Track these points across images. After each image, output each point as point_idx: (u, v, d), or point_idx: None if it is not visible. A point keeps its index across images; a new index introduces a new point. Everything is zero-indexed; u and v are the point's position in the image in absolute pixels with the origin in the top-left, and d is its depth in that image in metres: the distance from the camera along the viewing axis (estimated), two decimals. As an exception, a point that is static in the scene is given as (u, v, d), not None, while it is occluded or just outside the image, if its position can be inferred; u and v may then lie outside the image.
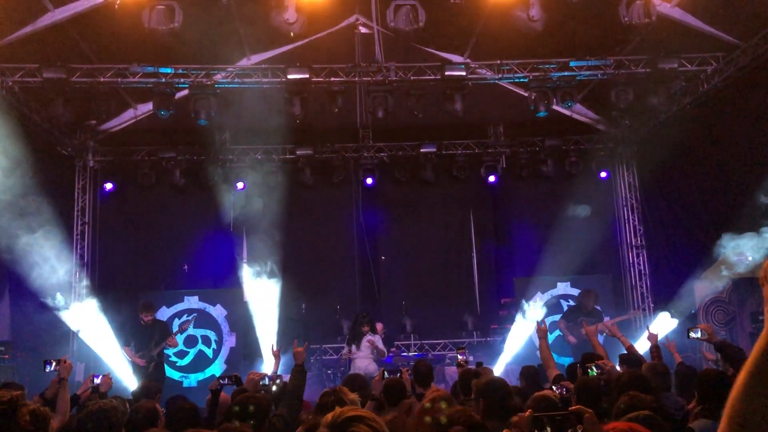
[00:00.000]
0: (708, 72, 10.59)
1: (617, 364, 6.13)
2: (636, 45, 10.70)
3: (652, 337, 6.45)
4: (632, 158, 14.03)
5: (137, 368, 9.55)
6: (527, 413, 1.93)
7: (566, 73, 10.74)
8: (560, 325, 10.96)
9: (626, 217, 14.05)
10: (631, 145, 13.85)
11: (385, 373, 5.39)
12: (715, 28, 9.94)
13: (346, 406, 1.98)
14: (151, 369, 9.50)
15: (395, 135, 13.55)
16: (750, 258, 10.59)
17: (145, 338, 9.72)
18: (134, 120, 13.02)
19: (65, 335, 11.84)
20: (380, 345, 9.88)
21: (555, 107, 11.39)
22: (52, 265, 10.72)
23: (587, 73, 10.84)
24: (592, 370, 5.17)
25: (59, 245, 11.06)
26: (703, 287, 11.29)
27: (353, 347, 9.98)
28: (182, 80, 10.60)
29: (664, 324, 9.87)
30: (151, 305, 10.13)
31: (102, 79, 10.34)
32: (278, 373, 7.26)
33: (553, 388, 5.18)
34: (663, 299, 11.31)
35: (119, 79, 10.44)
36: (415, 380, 6.05)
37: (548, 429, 1.88)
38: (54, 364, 5.47)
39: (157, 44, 9.21)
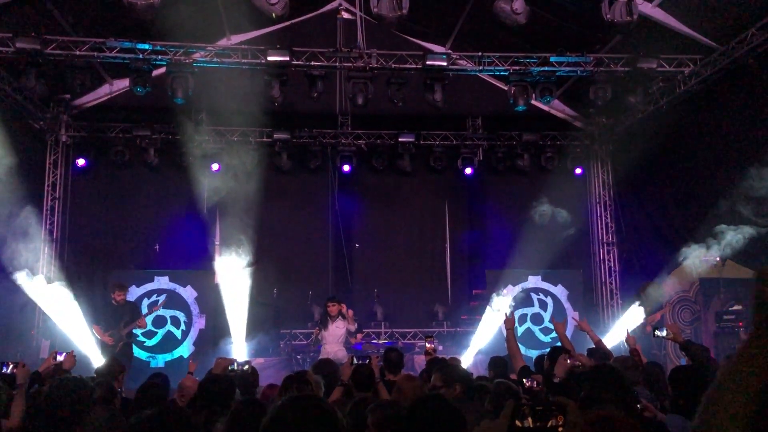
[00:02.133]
0: (685, 73, 10.72)
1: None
2: (616, 43, 10.80)
3: (631, 340, 6.51)
4: (607, 156, 14.18)
5: (105, 347, 9.46)
6: (509, 403, 1.94)
7: (546, 68, 10.80)
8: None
9: (599, 214, 14.21)
10: (607, 142, 13.99)
11: (354, 359, 5.40)
12: (694, 31, 10.07)
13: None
14: (119, 349, 9.40)
15: (374, 123, 13.50)
16: (717, 259, 10.79)
17: (115, 318, 9.66)
18: (109, 96, 12.83)
19: (30, 312, 11.66)
20: (352, 324, 9.88)
21: (533, 102, 11.46)
22: (19, 239, 10.54)
23: (567, 69, 10.90)
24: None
25: (28, 220, 10.87)
26: (671, 285, 11.47)
27: (322, 330, 9.98)
28: (160, 57, 10.43)
29: (637, 316, 9.99)
30: (124, 285, 10.10)
31: (78, 53, 10.13)
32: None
33: (524, 380, 5.24)
34: (632, 296, 11.47)
35: (95, 54, 10.24)
36: (385, 367, 6.07)
37: (529, 419, 1.89)
38: (11, 366, 4.80)
39: (135, 19, 9.04)
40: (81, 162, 13.18)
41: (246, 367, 5.91)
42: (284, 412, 2.04)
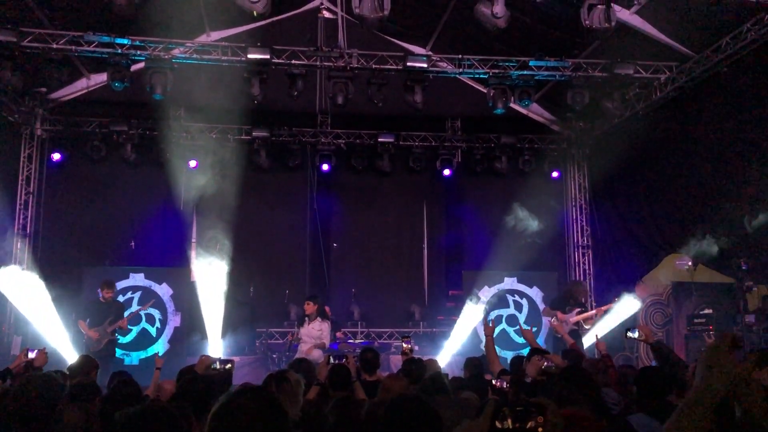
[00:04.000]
0: (661, 80, 10.88)
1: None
2: (594, 49, 10.93)
3: (601, 345, 6.61)
4: (584, 160, 14.34)
5: (90, 342, 9.47)
6: (489, 403, 1.97)
7: (525, 72, 10.89)
8: (545, 311, 11.13)
9: (574, 217, 14.37)
10: (584, 146, 14.15)
11: (331, 358, 5.41)
12: (670, 38, 10.22)
13: None
14: (103, 345, 9.47)
15: (354, 123, 13.52)
16: (689, 263, 10.98)
17: (101, 315, 9.68)
18: (87, 90, 12.69)
19: (2, 307, 11.49)
20: (325, 334, 9.84)
21: (512, 105, 11.55)
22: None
23: (545, 73, 11.02)
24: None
25: (1, 214, 10.72)
26: (644, 289, 11.68)
27: (299, 329, 9.96)
28: (139, 53, 10.34)
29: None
30: (113, 283, 10.11)
31: (55, 46, 10.02)
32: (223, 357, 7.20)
33: (493, 381, 5.32)
34: (605, 299, 11.62)
35: (73, 47, 10.13)
36: (361, 367, 6.09)
37: (509, 420, 1.91)
38: None
39: (114, 13, 8.94)
40: (56, 156, 13.03)
41: (228, 366, 5.89)
42: (230, 402, 2.08)
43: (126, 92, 10.70)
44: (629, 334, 5.76)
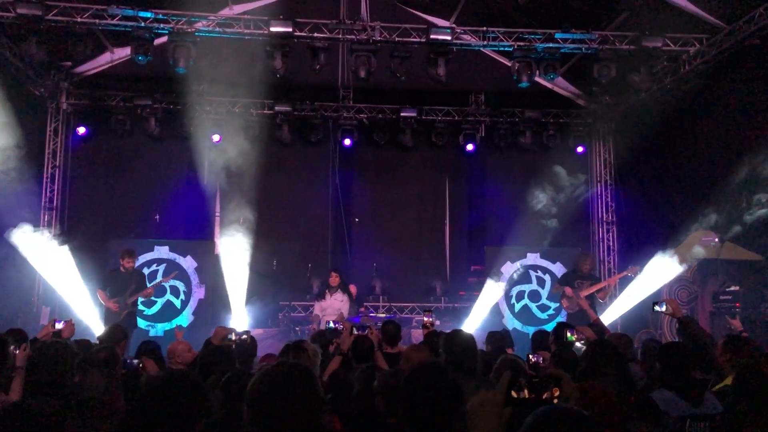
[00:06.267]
0: (690, 53, 10.65)
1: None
2: (622, 21, 10.71)
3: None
4: (609, 135, 14.13)
5: (110, 314, 9.41)
6: (505, 374, 1.97)
7: (551, 45, 10.71)
8: (555, 288, 10.91)
9: (599, 192, 14.20)
10: (609, 121, 13.94)
11: (354, 329, 5.44)
12: (700, 9, 9.98)
13: None
14: (123, 316, 9.33)
15: (376, 97, 13.46)
16: (715, 240, 10.83)
17: (121, 285, 9.55)
18: (111, 64, 12.74)
19: (30, 279, 11.71)
20: (346, 307, 9.91)
21: (537, 79, 11.38)
22: (20, 206, 10.54)
23: (571, 46, 10.82)
24: (570, 335, 5.29)
25: (29, 187, 10.87)
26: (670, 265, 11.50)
27: (321, 301, 10.05)
28: (162, 26, 10.33)
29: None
30: (134, 252, 10.00)
31: (79, 19, 10.04)
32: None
33: (529, 356, 5.30)
34: (630, 276, 11.51)
35: (97, 21, 10.14)
36: (383, 339, 6.12)
37: (525, 391, 1.92)
38: (12, 347, 4.58)
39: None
40: (81, 130, 13.15)
41: (244, 336, 5.95)
42: (268, 375, 2.21)
43: (149, 66, 10.72)
44: (656, 308, 5.70)
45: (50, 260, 10.56)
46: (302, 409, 2.16)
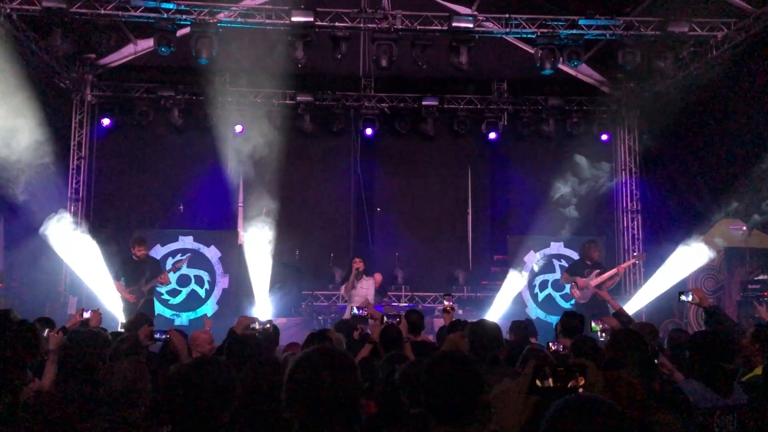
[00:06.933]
0: (718, 38, 10.45)
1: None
2: (647, 6, 10.54)
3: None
4: (634, 122, 13.95)
5: (127, 304, 9.45)
6: (530, 362, 1.97)
7: (574, 32, 10.59)
8: (564, 278, 10.73)
9: (624, 181, 14.04)
10: (634, 108, 13.74)
11: (385, 318, 5.45)
12: (728, -7, 9.80)
13: None
14: (140, 305, 9.32)
15: (397, 86, 13.42)
16: (743, 228, 10.67)
17: (136, 273, 9.56)
18: (134, 56, 12.84)
19: (58, 268, 11.89)
20: (371, 292, 9.94)
21: (560, 66, 11.26)
22: (46, 197, 10.70)
23: (595, 32, 10.69)
24: (595, 325, 5.27)
25: (55, 178, 11.02)
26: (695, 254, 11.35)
27: (344, 287, 10.09)
28: (184, 17, 10.40)
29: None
30: (144, 240, 10.00)
31: (102, 11, 10.12)
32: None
33: (550, 344, 5.28)
34: (655, 265, 11.38)
35: (120, 13, 10.23)
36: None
37: (550, 380, 1.91)
38: (46, 331, 4.62)
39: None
40: (106, 122, 13.29)
41: (267, 326, 5.99)
42: (309, 360, 2.23)
43: (172, 57, 10.79)
44: (683, 297, 5.65)
45: (77, 250, 10.69)
46: (343, 393, 2.19)
